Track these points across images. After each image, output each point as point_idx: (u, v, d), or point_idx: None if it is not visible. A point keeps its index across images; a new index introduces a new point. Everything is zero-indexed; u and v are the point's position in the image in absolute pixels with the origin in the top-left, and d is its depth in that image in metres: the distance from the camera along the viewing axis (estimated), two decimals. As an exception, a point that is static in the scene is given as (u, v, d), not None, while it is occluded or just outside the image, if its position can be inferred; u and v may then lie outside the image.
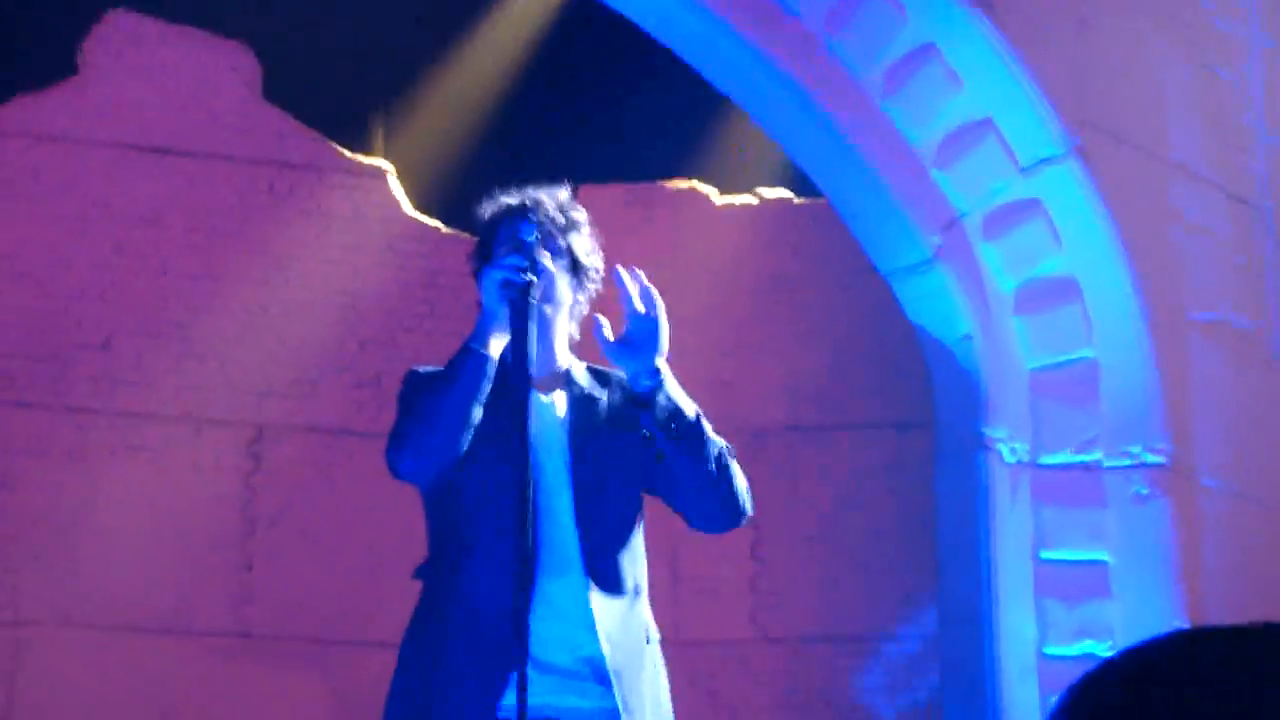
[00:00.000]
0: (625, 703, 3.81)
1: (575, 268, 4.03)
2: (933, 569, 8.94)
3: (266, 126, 10.96)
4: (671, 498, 3.98)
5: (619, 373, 4.05)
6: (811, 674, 10.27)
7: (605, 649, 3.81)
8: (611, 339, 3.87)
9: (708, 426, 3.90)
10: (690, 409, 3.88)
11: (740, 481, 3.94)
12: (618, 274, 3.92)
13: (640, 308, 3.88)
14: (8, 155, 10.52)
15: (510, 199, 4.09)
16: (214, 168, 10.81)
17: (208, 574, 10.40)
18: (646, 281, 3.92)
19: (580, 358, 4.12)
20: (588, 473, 3.91)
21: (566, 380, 4.04)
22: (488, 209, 4.10)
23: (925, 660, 9.71)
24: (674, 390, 3.87)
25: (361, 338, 10.86)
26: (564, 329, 4.05)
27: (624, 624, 3.87)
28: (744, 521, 4.04)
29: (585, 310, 4.10)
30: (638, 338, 3.86)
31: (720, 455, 3.90)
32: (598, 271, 4.09)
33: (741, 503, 3.95)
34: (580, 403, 4.00)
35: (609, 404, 4.00)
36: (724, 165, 11.20)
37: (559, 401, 4.00)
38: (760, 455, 10.15)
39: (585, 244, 4.07)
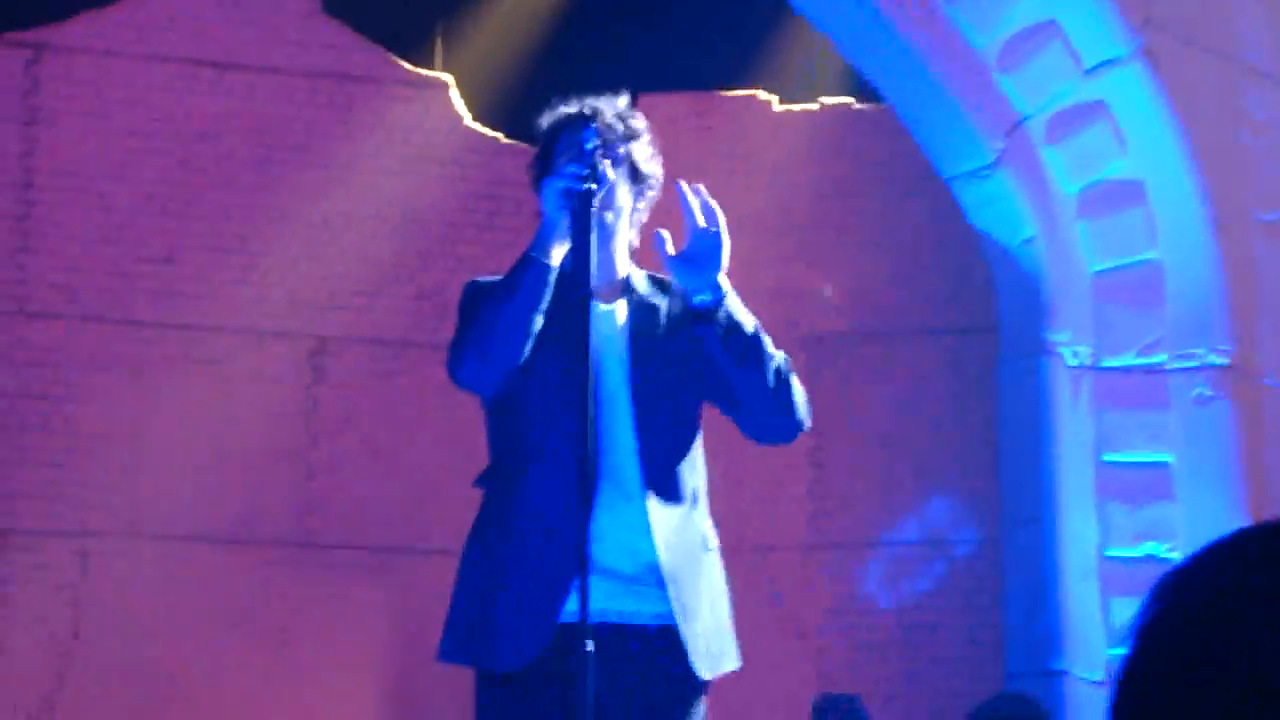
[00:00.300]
0: (683, 608, 3.84)
1: (635, 175, 4.02)
2: (994, 473, 8.94)
3: (327, 40, 10.96)
4: (729, 408, 3.97)
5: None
6: (870, 579, 10.29)
7: (662, 555, 3.83)
8: (673, 253, 3.87)
9: (767, 340, 3.90)
10: (750, 323, 3.87)
11: (799, 394, 3.94)
12: (680, 189, 3.91)
13: (702, 222, 3.87)
14: (71, 71, 10.56)
15: (569, 108, 4.07)
16: (275, 81, 10.83)
17: (270, 484, 10.48)
18: (708, 197, 3.92)
19: (640, 266, 4.12)
20: (647, 381, 3.92)
21: (627, 288, 4.03)
22: (547, 118, 4.09)
23: (986, 563, 9.71)
24: (734, 305, 3.87)
25: (422, 249, 10.89)
26: (624, 237, 4.04)
27: (681, 531, 3.89)
28: (799, 434, 4.04)
29: (645, 218, 4.09)
30: (699, 253, 3.86)
31: (779, 369, 3.89)
32: (657, 179, 4.08)
33: (799, 415, 3.95)
34: (640, 310, 4.00)
35: (669, 312, 4.00)
36: (785, 73, 11.13)
37: (619, 310, 4.00)
38: (821, 362, 10.14)
39: (645, 151, 4.06)
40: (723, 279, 3.86)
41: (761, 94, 11.14)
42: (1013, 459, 8.22)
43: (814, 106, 11.08)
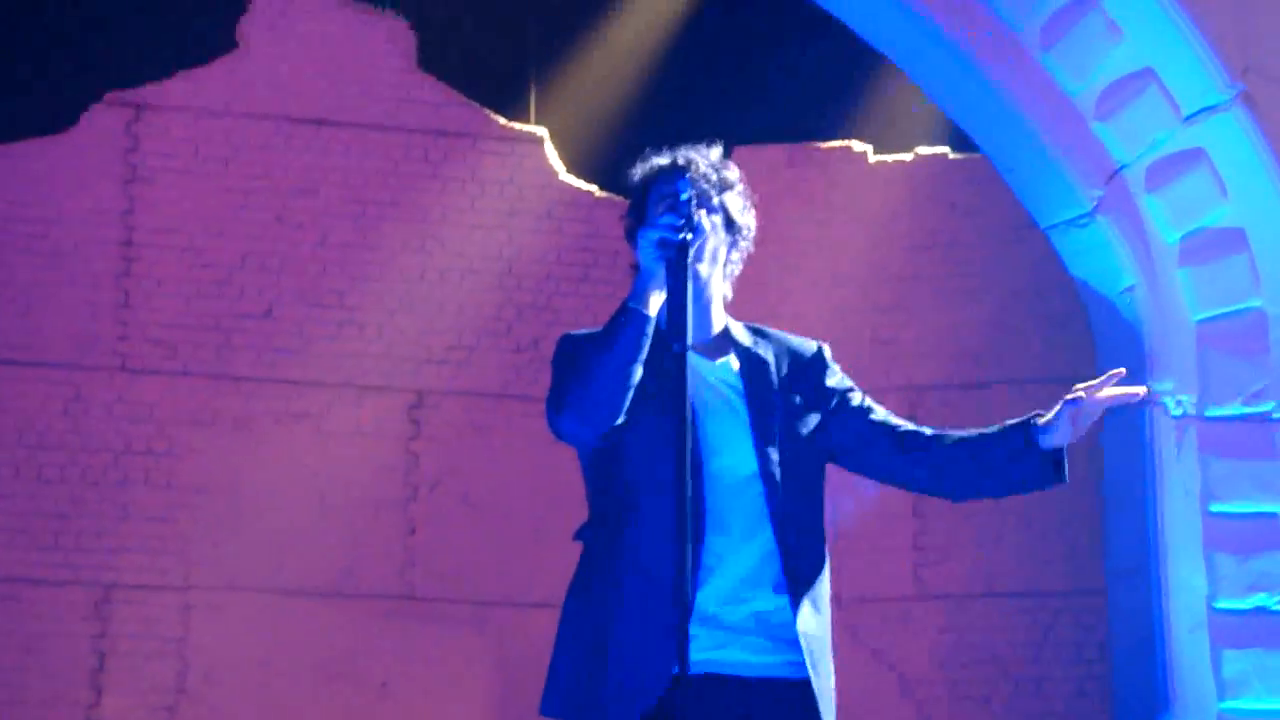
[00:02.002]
0: (815, 663, 3.82)
1: (730, 226, 4.02)
2: (1096, 523, 8.84)
3: (422, 96, 11.05)
4: (858, 459, 4.02)
5: (779, 333, 4.05)
6: (974, 631, 10.20)
7: (800, 609, 3.83)
8: (1083, 395, 3.87)
9: None
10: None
11: None
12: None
13: (1109, 397, 3.88)
14: (170, 129, 10.69)
15: (663, 159, 4.07)
16: (370, 138, 10.92)
17: (371, 538, 10.53)
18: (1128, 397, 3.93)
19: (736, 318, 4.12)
20: (770, 431, 3.91)
21: (730, 340, 4.03)
22: (641, 169, 4.09)
23: (1092, 615, 9.61)
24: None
25: (519, 303, 10.93)
26: (719, 289, 4.04)
27: (814, 585, 3.89)
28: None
29: (738, 270, 4.08)
30: (1084, 418, 3.87)
31: None
32: (750, 230, 4.08)
33: None
34: (751, 362, 3.99)
35: (777, 364, 4.00)
36: (880, 123, 11.12)
37: (731, 363, 3.99)
38: (920, 411, 10.08)
39: (739, 202, 4.05)
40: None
41: (856, 145, 11.13)
42: (1117, 509, 8.14)
43: (909, 156, 11.05)
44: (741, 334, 4.05)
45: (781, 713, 3.82)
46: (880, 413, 4.06)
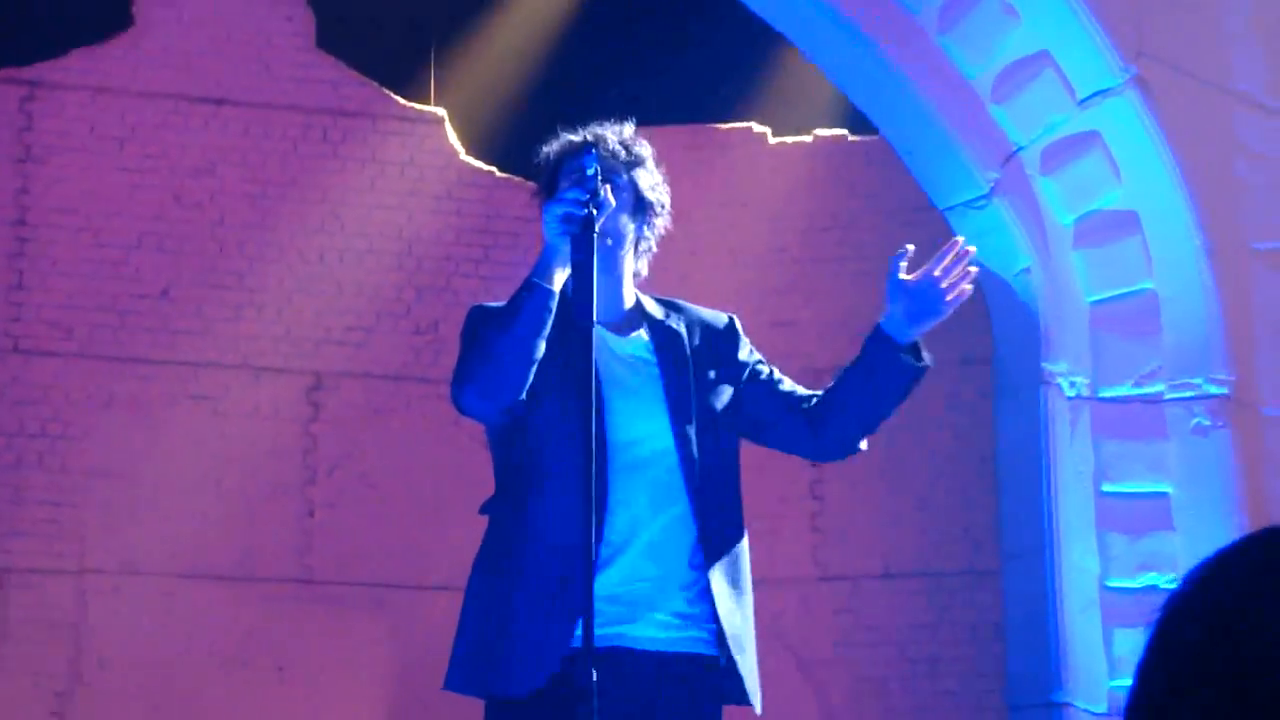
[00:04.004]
0: (737, 639, 3.85)
1: (639, 203, 4.02)
2: (993, 504, 8.92)
3: (320, 75, 10.99)
4: (768, 434, 4.05)
5: (693, 307, 4.07)
6: (872, 612, 10.28)
7: (716, 586, 3.84)
8: (904, 277, 3.91)
9: None
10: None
11: None
12: (961, 246, 3.95)
13: (939, 273, 3.92)
14: (65, 108, 10.58)
15: (574, 135, 4.08)
16: (269, 117, 10.85)
17: (270, 521, 10.47)
18: (960, 271, 3.94)
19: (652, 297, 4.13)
20: (686, 405, 3.92)
21: (642, 314, 4.04)
22: (551, 146, 4.10)
23: (987, 595, 9.70)
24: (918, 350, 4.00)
25: (418, 284, 10.90)
26: (629, 266, 4.04)
27: (733, 561, 3.92)
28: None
29: (653, 247, 4.08)
30: (926, 298, 3.91)
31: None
32: (663, 206, 4.08)
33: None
34: (663, 334, 4.01)
35: (690, 337, 4.01)
36: (779, 105, 11.16)
37: (642, 337, 4.00)
38: (819, 394, 10.14)
39: (649, 179, 4.05)
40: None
41: (756, 126, 11.17)
42: (1011, 490, 8.20)
43: (808, 138, 11.10)
44: (653, 307, 4.06)
45: (686, 689, 3.84)
46: (787, 384, 4.09)
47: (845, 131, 11.01)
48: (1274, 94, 8.22)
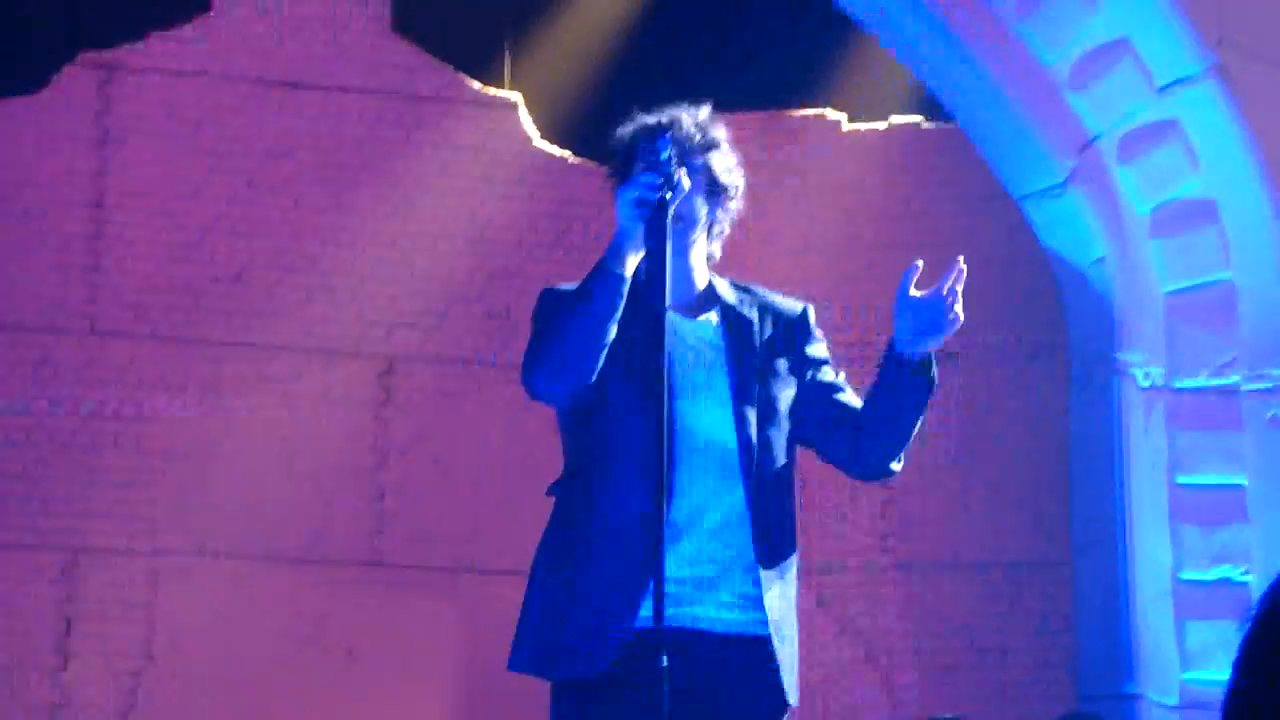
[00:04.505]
0: (778, 627, 3.84)
1: (713, 186, 4.01)
2: (1064, 494, 8.87)
3: (395, 59, 11.01)
4: (816, 443, 4.03)
5: (768, 294, 4.06)
6: (941, 600, 10.23)
7: (764, 575, 3.84)
8: (913, 293, 3.90)
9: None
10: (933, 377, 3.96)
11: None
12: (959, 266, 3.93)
13: (945, 290, 3.90)
14: (141, 91, 10.64)
15: (648, 118, 4.07)
16: (344, 101, 10.88)
17: (340, 504, 10.51)
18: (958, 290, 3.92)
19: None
20: (748, 388, 3.92)
21: (713, 299, 4.03)
22: (626, 128, 4.09)
23: (1058, 585, 9.64)
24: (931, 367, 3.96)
25: (491, 269, 10.91)
26: (702, 248, 4.03)
27: (781, 554, 3.90)
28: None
29: (726, 230, 4.07)
30: (931, 316, 3.89)
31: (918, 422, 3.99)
32: (737, 189, 4.07)
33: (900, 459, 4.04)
34: (732, 318, 4.00)
35: (761, 324, 4.00)
36: (854, 92, 11.11)
37: (712, 320, 3.99)
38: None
39: (724, 162, 4.04)
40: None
41: (830, 113, 11.12)
42: (1084, 480, 8.17)
43: (883, 125, 11.05)
44: (726, 291, 4.05)
45: (750, 669, 3.84)
46: (847, 394, 4.05)
47: (921, 118, 10.95)
48: (1356, 83, 8.14)
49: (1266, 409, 7.86)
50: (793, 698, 3.88)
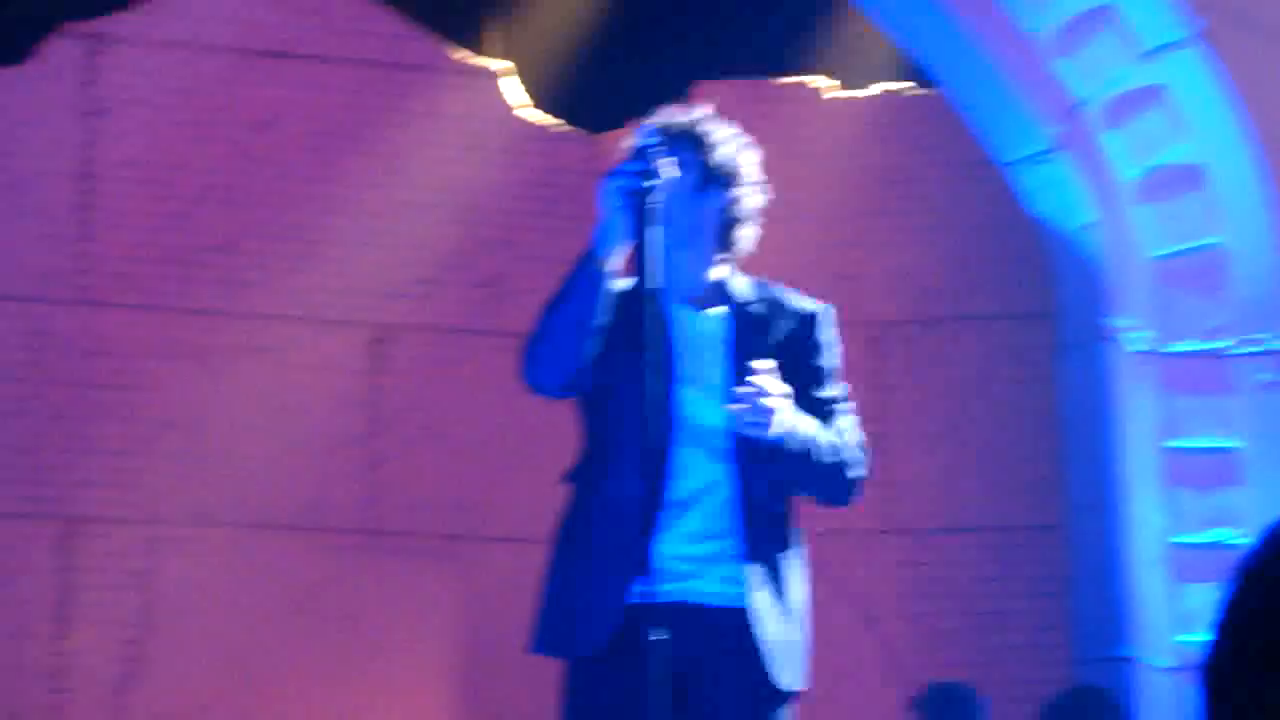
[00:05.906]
0: (773, 603, 3.90)
1: (708, 176, 4.02)
2: (1055, 458, 8.90)
3: (380, 29, 10.98)
4: None
5: (786, 294, 4.07)
6: (937, 565, 10.27)
7: (750, 553, 3.91)
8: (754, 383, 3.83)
9: (822, 440, 3.90)
10: (826, 451, 3.89)
11: (853, 468, 3.99)
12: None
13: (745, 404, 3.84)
14: (125, 62, 10.62)
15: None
16: (329, 71, 10.86)
17: (335, 472, 10.54)
18: (761, 385, 3.84)
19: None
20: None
21: (724, 294, 4.04)
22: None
23: (1053, 549, 9.67)
24: (793, 437, 3.86)
25: (480, 237, 10.91)
26: (709, 241, 4.04)
27: (771, 529, 3.93)
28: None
29: (741, 223, 4.06)
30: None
31: (836, 466, 3.93)
32: (742, 177, 4.06)
33: (857, 482, 4.02)
34: (742, 318, 4.02)
35: (773, 325, 4.02)
36: (840, 59, 11.08)
37: (719, 315, 4.01)
38: (882, 348, 10.12)
39: (719, 153, 4.04)
40: (777, 426, 3.83)
41: (816, 80, 11.10)
42: (1076, 445, 8.20)
43: (869, 92, 11.03)
44: (740, 287, 4.07)
45: (748, 639, 3.91)
46: (843, 423, 4.05)
47: (907, 85, 10.93)
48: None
49: (1257, 372, 7.89)
50: (789, 679, 3.94)
